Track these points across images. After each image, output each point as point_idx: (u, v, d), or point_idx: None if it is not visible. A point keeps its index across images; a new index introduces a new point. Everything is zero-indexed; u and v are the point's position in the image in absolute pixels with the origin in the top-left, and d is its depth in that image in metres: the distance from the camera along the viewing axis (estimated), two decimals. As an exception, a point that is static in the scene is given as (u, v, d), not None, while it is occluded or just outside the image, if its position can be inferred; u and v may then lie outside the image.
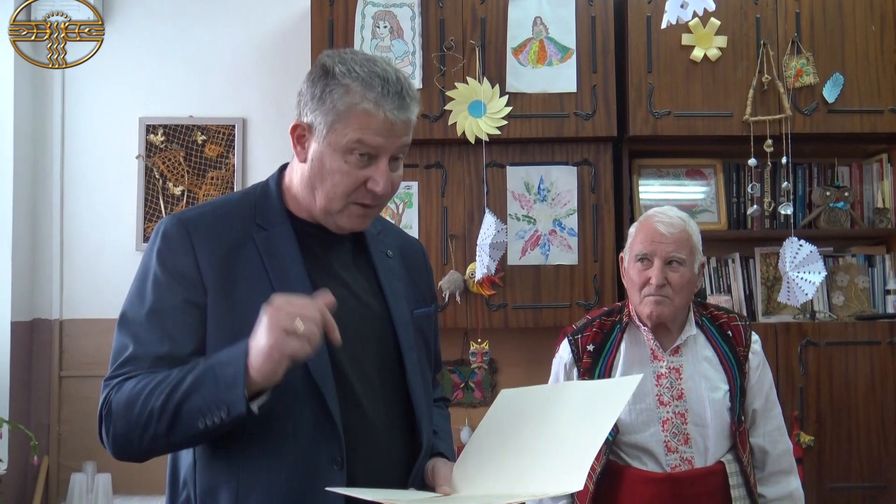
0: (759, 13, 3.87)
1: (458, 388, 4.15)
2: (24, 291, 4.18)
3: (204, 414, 1.52)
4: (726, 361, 2.57)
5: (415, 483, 1.73)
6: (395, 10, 3.88)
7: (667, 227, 2.52)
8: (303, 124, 1.70)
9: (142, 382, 1.57)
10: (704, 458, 2.49)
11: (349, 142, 1.64)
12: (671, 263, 2.50)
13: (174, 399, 1.53)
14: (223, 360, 1.54)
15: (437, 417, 1.95)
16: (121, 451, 1.61)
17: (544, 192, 3.90)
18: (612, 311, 2.68)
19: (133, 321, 1.66)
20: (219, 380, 1.51)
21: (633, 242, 2.60)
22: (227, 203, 1.79)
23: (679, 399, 2.50)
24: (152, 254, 1.69)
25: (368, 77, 1.64)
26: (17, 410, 4.03)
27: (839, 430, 3.77)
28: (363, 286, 1.79)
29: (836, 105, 3.86)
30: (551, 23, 3.89)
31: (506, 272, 3.86)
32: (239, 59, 4.35)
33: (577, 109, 3.85)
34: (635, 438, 2.50)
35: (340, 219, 1.71)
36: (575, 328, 2.67)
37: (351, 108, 1.64)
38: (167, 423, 1.54)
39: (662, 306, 2.51)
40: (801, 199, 4.12)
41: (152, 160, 4.27)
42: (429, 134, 3.84)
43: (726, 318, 2.64)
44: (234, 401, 1.50)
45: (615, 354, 2.58)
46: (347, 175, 1.66)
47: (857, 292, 4.06)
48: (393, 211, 3.88)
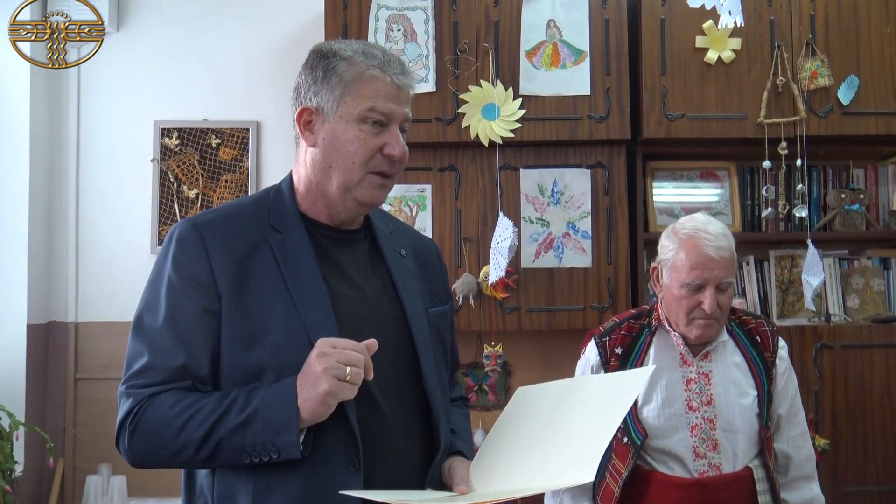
0: (773, 15, 3.86)
1: (471, 391, 4.15)
2: (40, 294, 4.20)
3: (250, 453, 1.56)
4: (755, 367, 2.56)
5: (432, 483, 1.73)
6: (408, 14, 3.88)
7: (717, 251, 2.45)
8: (309, 108, 1.72)
9: (178, 406, 1.59)
10: (733, 464, 2.48)
11: (362, 110, 1.68)
12: (720, 285, 2.46)
13: (217, 434, 1.56)
14: (271, 403, 1.56)
15: (456, 416, 1.94)
16: (141, 464, 1.64)
17: (558, 194, 3.89)
18: (641, 315, 2.65)
19: (148, 328, 1.66)
20: (268, 423, 1.55)
21: (677, 263, 2.50)
22: (241, 206, 1.79)
23: (708, 405, 2.49)
24: (167, 259, 1.69)
25: (367, 48, 1.72)
26: (33, 413, 4.05)
27: (855, 433, 3.75)
28: (377, 286, 1.79)
29: (851, 107, 3.84)
30: (565, 25, 3.89)
31: (519, 275, 3.86)
32: (253, 62, 4.36)
33: (591, 112, 3.85)
34: (663, 443, 2.49)
35: (359, 191, 1.72)
36: (602, 330, 2.65)
37: (358, 77, 1.69)
38: (207, 453, 1.57)
39: (712, 329, 2.50)
40: (816, 201, 4.10)
41: (167, 163, 4.29)
42: (442, 137, 3.84)
43: (755, 323, 2.63)
44: (286, 445, 1.55)
45: (643, 358, 2.57)
46: (364, 143, 1.69)
47: (873, 295, 4.04)
48: (407, 214, 3.88)
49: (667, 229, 2.62)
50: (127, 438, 1.61)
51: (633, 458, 2.49)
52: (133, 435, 1.60)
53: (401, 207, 3.88)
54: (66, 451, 4.20)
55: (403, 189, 3.88)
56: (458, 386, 2.07)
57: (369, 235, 1.85)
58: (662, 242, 2.60)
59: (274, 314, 1.62)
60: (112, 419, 1.65)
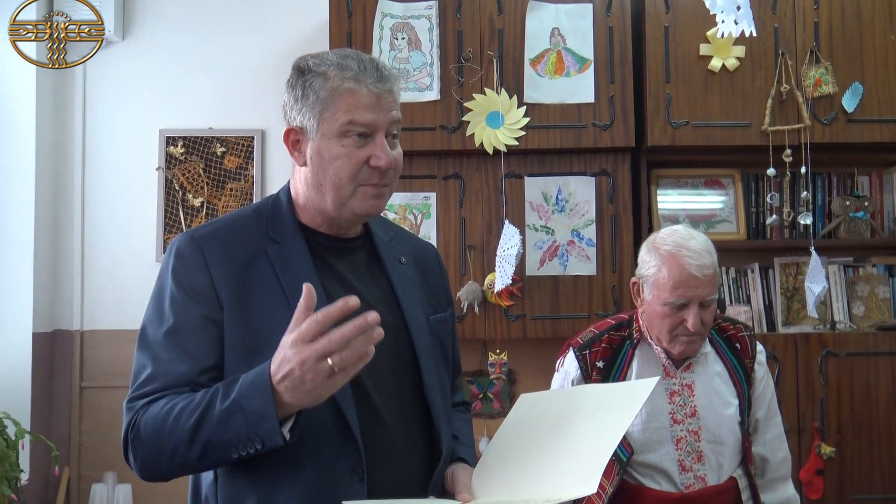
0: (777, 22, 3.86)
1: (476, 399, 4.14)
2: (46, 302, 4.21)
3: (236, 446, 1.52)
4: (735, 375, 2.54)
5: (435, 490, 1.73)
6: (413, 22, 3.89)
7: (700, 270, 2.38)
8: (294, 128, 1.73)
9: (166, 407, 1.57)
10: (717, 475, 2.47)
11: (341, 125, 1.67)
12: (703, 302, 2.41)
13: (203, 430, 1.53)
14: (247, 392, 1.51)
15: (458, 422, 1.94)
16: (149, 474, 1.62)
17: (562, 202, 3.90)
18: (621, 326, 2.59)
19: (153, 341, 1.66)
20: (247, 413, 1.50)
21: (659, 281, 2.42)
22: (240, 218, 1.80)
23: (692, 416, 2.47)
24: (167, 272, 1.70)
25: (342, 60, 1.69)
26: (39, 421, 4.06)
27: (860, 440, 3.75)
28: (377, 294, 1.78)
29: (856, 114, 3.84)
30: (569, 33, 3.89)
31: (524, 283, 3.86)
32: (258, 71, 4.37)
33: (595, 120, 3.85)
34: (649, 458, 2.46)
35: (354, 204, 1.70)
36: (581, 342, 2.58)
37: (333, 92, 1.67)
38: (198, 452, 1.55)
39: (695, 345, 2.46)
40: (821, 208, 4.10)
41: (172, 172, 4.30)
42: (447, 145, 3.85)
43: (733, 329, 2.60)
44: (267, 433, 1.50)
45: (626, 371, 2.53)
46: (348, 158, 1.67)
47: (878, 302, 4.03)
48: (411, 222, 3.89)
49: (646, 242, 2.54)
50: (131, 450, 1.61)
51: (619, 474, 2.46)
52: (134, 445, 1.60)
53: (405, 215, 3.89)
54: (71, 459, 4.21)
55: (408, 197, 3.89)
56: (459, 391, 2.07)
57: (368, 243, 1.85)
58: (643, 257, 2.52)
59: (274, 324, 1.61)
60: (118, 427, 1.65)
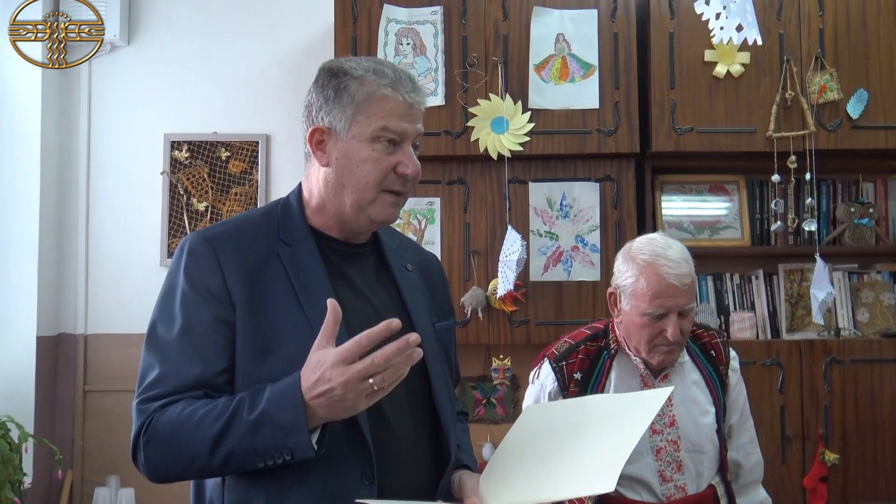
0: (782, 29, 3.86)
1: (479, 405, 4.14)
2: (50, 306, 4.21)
3: (263, 456, 1.52)
4: (711, 383, 2.53)
5: (442, 495, 1.73)
6: (417, 27, 3.90)
7: (679, 279, 2.36)
8: (320, 128, 1.72)
9: (185, 412, 1.57)
10: (697, 484, 2.46)
11: (375, 130, 1.68)
12: (682, 312, 2.40)
13: (229, 439, 1.53)
14: (278, 403, 1.52)
15: (458, 431, 1.94)
16: (159, 478, 1.62)
17: (567, 208, 3.90)
18: (597, 336, 2.57)
19: (163, 340, 1.66)
20: (277, 425, 1.51)
21: (637, 291, 2.41)
22: (251, 219, 1.80)
23: (671, 426, 2.46)
24: (179, 271, 1.69)
25: (378, 66, 1.71)
26: (42, 425, 4.06)
27: (864, 447, 3.74)
28: (385, 300, 1.79)
29: (861, 121, 3.84)
30: (574, 39, 3.90)
31: (528, 288, 3.86)
32: (263, 75, 4.38)
33: (600, 126, 3.85)
34: (629, 469, 2.42)
35: (373, 210, 1.72)
36: (557, 354, 2.55)
37: (370, 97, 1.68)
38: (221, 459, 1.54)
39: (674, 354, 2.45)
40: (826, 215, 4.09)
41: (177, 176, 4.31)
42: (451, 150, 3.85)
43: (707, 336, 2.60)
44: (297, 445, 1.51)
45: (605, 383, 2.50)
46: (377, 163, 1.69)
47: (883, 309, 4.02)
48: (416, 227, 3.89)
49: (622, 251, 2.53)
50: (142, 453, 1.60)
51: None
52: (147, 448, 1.59)
53: (410, 221, 3.89)
54: (74, 462, 4.20)
55: (412, 202, 3.88)
56: (457, 400, 2.08)
57: (376, 249, 1.86)
58: (619, 267, 2.50)
59: (286, 326, 1.61)
60: (121, 431, 1.66)
